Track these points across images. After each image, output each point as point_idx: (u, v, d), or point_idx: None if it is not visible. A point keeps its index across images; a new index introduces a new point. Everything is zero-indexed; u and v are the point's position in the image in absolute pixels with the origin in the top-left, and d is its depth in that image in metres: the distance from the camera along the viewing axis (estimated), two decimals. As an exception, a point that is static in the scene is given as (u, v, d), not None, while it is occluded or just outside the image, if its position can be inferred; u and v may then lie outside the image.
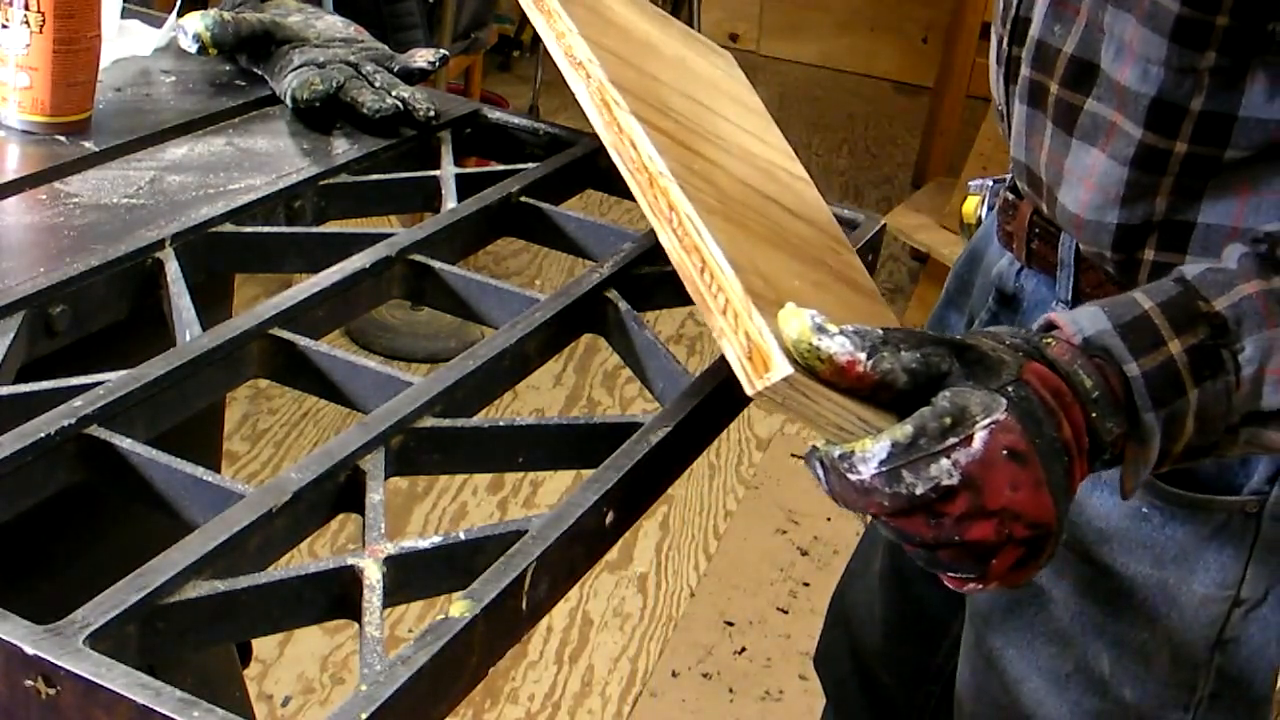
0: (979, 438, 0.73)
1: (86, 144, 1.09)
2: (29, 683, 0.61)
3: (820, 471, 0.76)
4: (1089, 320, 0.82)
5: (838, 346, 0.72)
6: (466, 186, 1.12)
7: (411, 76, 1.24)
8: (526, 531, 0.74)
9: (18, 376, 0.84)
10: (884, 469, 0.73)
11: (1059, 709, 1.10)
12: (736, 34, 5.22)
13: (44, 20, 1.05)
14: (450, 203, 1.10)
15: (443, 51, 1.26)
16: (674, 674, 2.29)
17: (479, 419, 0.86)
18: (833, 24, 5.28)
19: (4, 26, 1.06)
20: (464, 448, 0.84)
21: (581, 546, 0.77)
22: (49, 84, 1.07)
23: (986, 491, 0.74)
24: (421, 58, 1.25)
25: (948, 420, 0.73)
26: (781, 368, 0.74)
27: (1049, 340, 0.80)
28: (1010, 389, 0.75)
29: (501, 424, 0.85)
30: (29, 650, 0.60)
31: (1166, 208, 0.96)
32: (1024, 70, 1.00)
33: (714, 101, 1.09)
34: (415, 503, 2.55)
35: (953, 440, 0.73)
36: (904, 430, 0.73)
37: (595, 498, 0.77)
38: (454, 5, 3.15)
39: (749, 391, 0.77)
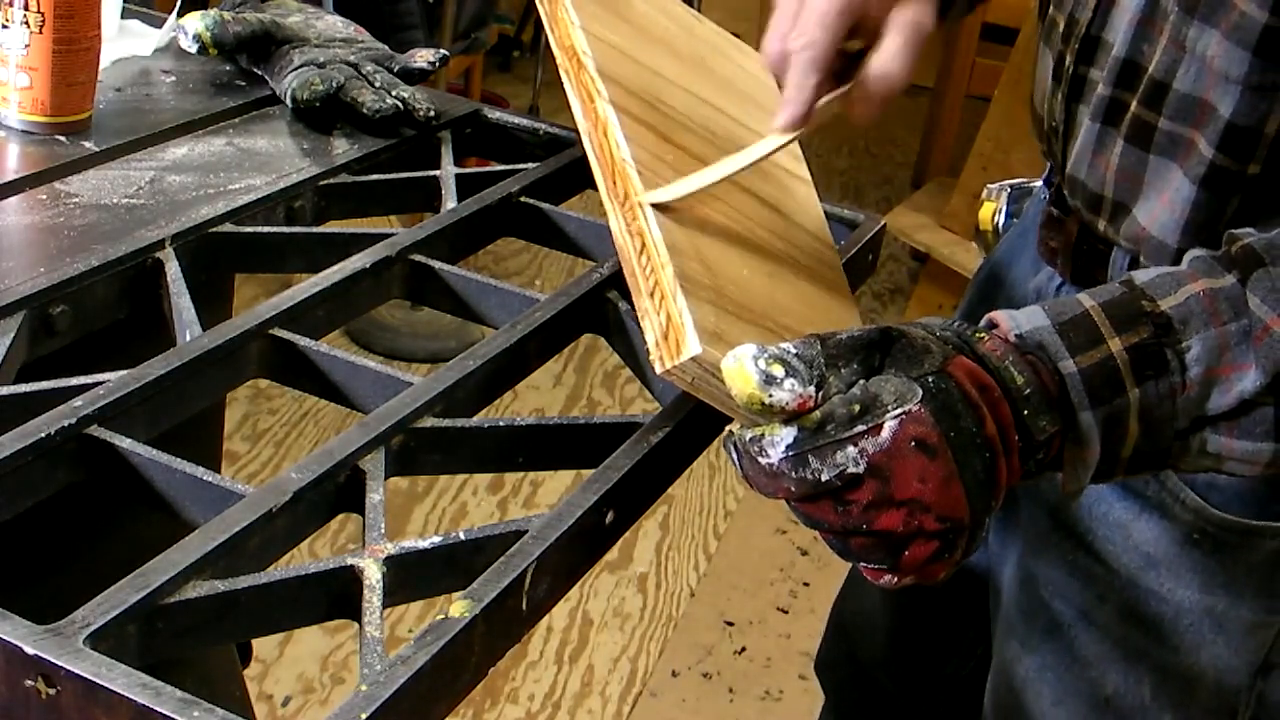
0: (888, 427, 0.73)
1: (86, 144, 1.09)
2: (29, 683, 0.61)
3: (735, 455, 0.76)
4: (1027, 318, 0.81)
5: (788, 396, 0.72)
6: (466, 186, 1.12)
7: (411, 76, 1.24)
8: (526, 531, 0.74)
9: (18, 376, 0.84)
10: (791, 453, 0.73)
11: None
12: (737, 34, 5.20)
13: (44, 20, 1.05)
14: (450, 203, 1.10)
15: (443, 51, 1.26)
16: (674, 674, 2.29)
17: (479, 419, 0.86)
18: (833, 24, 5.28)
19: (4, 26, 1.06)
20: (464, 448, 0.84)
21: (581, 546, 0.77)
22: (49, 84, 1.07)
23: (894, 481, 0.73)
24: (421, 58, 1.25)
25: (856, 407, 0.73)
26: (691, 347, 0.75)
27: (981, 336, 0.79)
28: (930, 379, 0.74)
29: (501, 424, 0.85)
30: (29, 650, 0.60)
31: (1224, 229, 0.94)
32: (1101, 89, 0.98)
33: (721, 99, 1.09)
34: (415, 503, 2.55)
35: (861, 428, 0.72)
36: (811, 417, 0.73)
37: (595, 498, 0.77)
38: (454, 5, 3.15)
39: (658, 370, 0.78)
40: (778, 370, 0.72)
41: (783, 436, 0.73)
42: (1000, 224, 1.23)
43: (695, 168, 0.94)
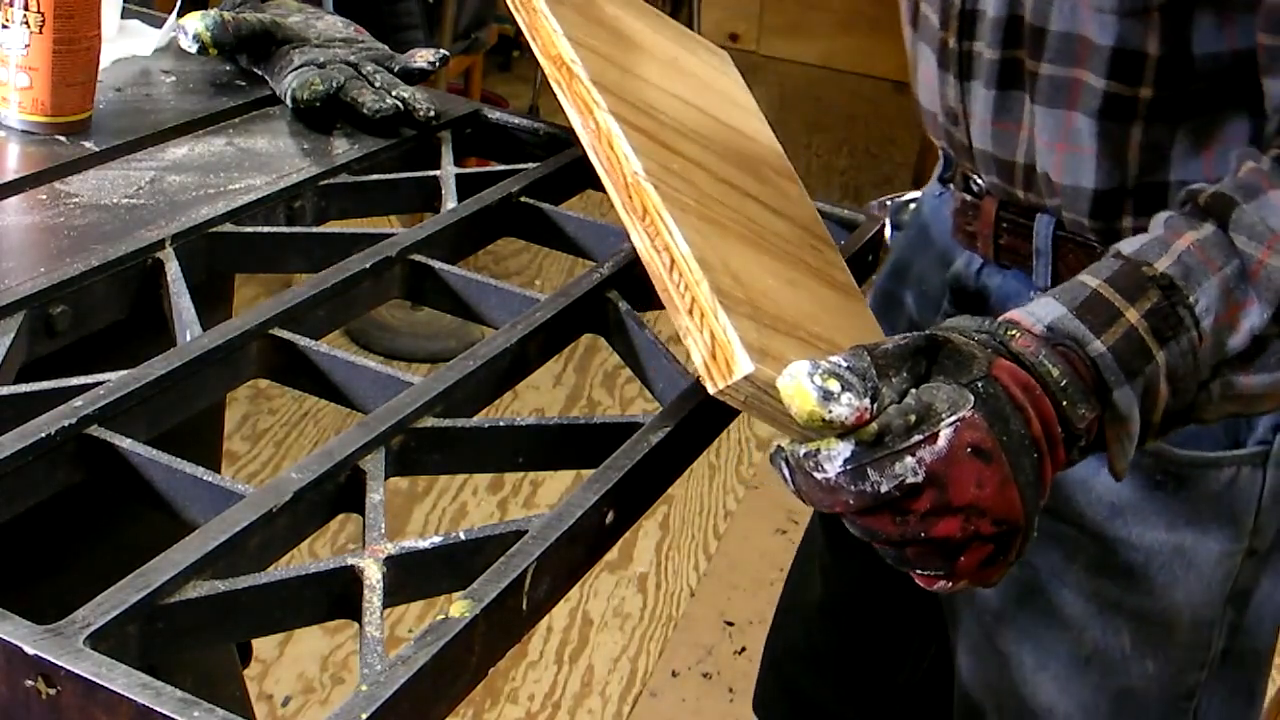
0: (944, 435, 0.73)
1: (86, 144, 1.09)
2: (29, 683, 0.61)
3: (786, 471, 0.76)
4: (1045, 310, 0.82)
5: (846, 410, 0.72)
6: (466, 186, 1.12)
7: (411, 76, 1.24)
8: (526, 531, 0.73)
9: (18, 376, 0.84)
10: (849, 467, 0.73)
11: (1081, 693, 1.11)
12: (736, 34, 5.22)
13: (44, 20, 1.05)
14: (450, 203, 1.10)
15: (443, 51, 1.26)
16: (674, 674, 2.29)
17: (479, 419, 0.86)
18: (833, 24, 5.28)
19: (4, 26, 1.06)
20: (464, 448, 0.84)
21: (581, 546, 0.77)
22: (49, 84, 1.07)
23: (951, 488, 0.74)
24: (422, 58, 1.25)
25: (912, 418, 0.73)
26: (743, 366, 0.75)
27: (1014, 333, 0.80)
28: (980, 384, 0.75)
29: (501, 424, 0.85)
30: (29, 650, 0.60)
31: (1138, 170, 0.98)
32: (989, 55, 1.01)
33: (702, 100, 1.09)
34: (415, 503, 2.55)
35: (918, 438, 0.73)
36: (869, 430, 0.73)
37: (595, 498, 0.77)
38: (454, 5, 3.15)
39: (711, 391, 0.78)
40: (834, 385, 0.72)
41: (839, 450, 0.73)
42: (888, 238, 1.27)
43: (700, 175, 0.94)
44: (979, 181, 1.09)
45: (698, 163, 0.96)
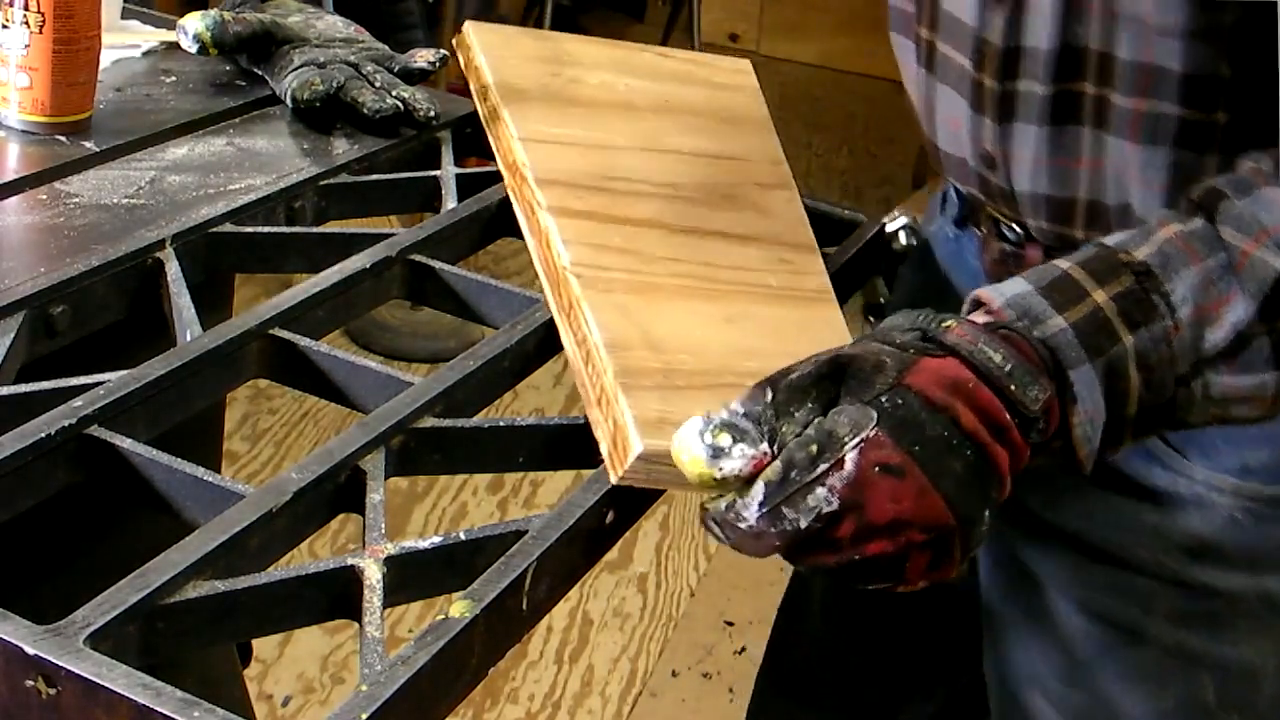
0: (849, 459, 0.72)
1: (86, 144, 1.09)
2: (29, 683, 0.61)
3: (716, 528, 0.76)
4: (1011, 286, 0.81)
5: (740, 463, 0.72)
6: (466, 186, 1.12)
7: (412, 76, 1.24)
8: (526, 531, 0.74)
9: (18, 376, 0.84)
10: (765, 509, 0.73)
11: None
12: (736, 34, 5.21)
13: (44, 20, 1.05)
14: (450, 203, 1.10)
15: (443, 52, 1.26)
16: (674, 674, 2.29)
17: (479, 419, 0.86)
18: (833, 24, 5.28)
19: (4, 26, 1.06)
20: (464, 448, 0.84)
21: (581, 546, 0.77)
22: (49, 84, 1.07)
23: (869, 509, 0.72)
24: (422, 58, 1.25)
25: (814, 448, 0.72)
26: (635, 447, 0.76)
27: (949, 325, 0.78)
28: (884, 399, 0.73)
29: (501, 424, 0.85)
30: (29, 650, 0.60)
31: (1089, 184, 0.95)
32: (1039, 91, 0.95)
33: (687, 138, 1.07)
34: (415, 503, 2.55)
35: (823, 467, 0.72)
36: (774, 468, 0.72)
37: (595, 498, 0.77)
38: (454, 5, 3.15)
39: (614, 480, 0.78)
40: (724, 439, 0.72)
41: (753, 496, 0.73)
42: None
43: (650, 237, 0.94)
44: (1016, 228, 1.03)
45: (654, 222, 0.96)
